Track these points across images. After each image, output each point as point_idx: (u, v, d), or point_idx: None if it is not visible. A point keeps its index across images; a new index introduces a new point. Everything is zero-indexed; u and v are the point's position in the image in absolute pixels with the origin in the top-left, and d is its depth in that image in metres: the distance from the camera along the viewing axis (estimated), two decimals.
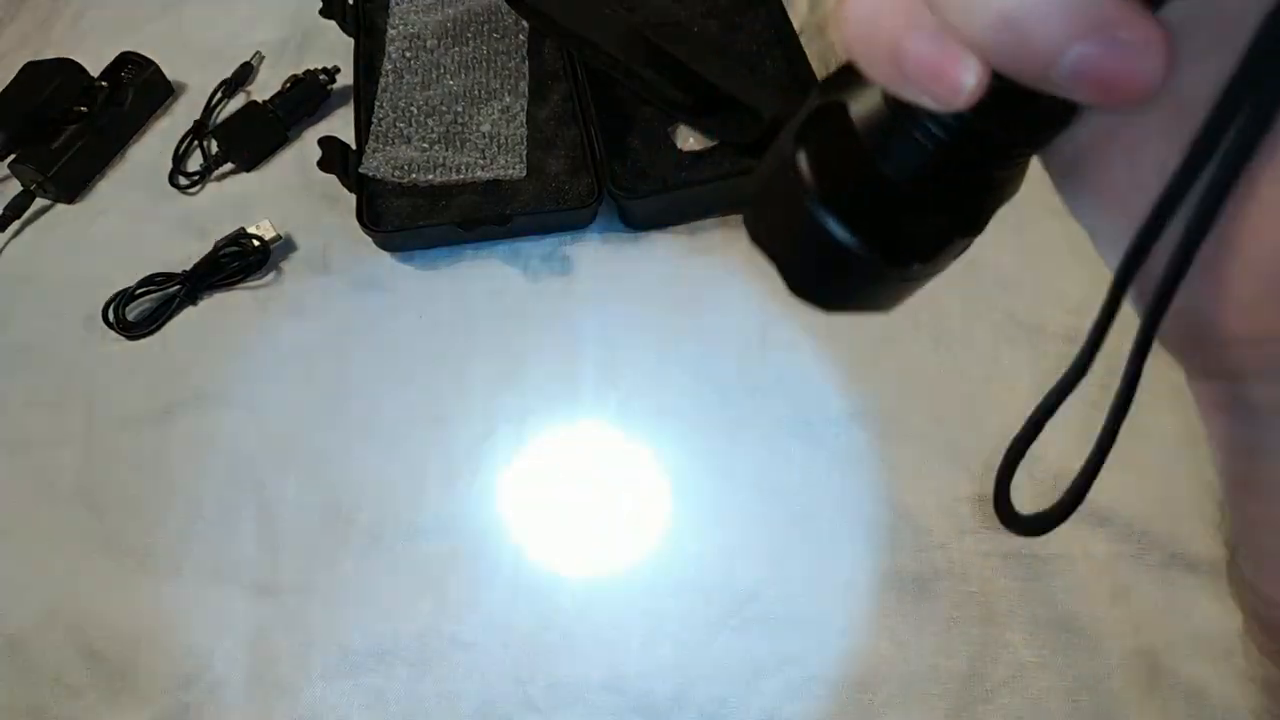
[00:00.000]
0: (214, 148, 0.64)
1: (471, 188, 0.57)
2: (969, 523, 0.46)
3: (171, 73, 0.68)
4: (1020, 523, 0.20)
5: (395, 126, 0.59)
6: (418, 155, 0.57)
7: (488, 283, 0.57)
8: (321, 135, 0.57)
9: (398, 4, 0.65)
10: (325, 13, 0.65)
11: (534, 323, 0.55)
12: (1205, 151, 0.13)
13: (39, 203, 0.63)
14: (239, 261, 0.58)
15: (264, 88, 0.67)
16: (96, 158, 0.64)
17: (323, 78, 0.65)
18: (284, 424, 0.52)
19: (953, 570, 0.45)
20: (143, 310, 0.57)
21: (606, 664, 0.44)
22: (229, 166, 0.64)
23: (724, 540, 0.47)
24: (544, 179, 0.57)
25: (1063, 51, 0.12)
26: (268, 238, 0.58)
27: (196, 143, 0.65)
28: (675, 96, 0.56)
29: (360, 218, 0.56)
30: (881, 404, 0.50)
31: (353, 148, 0.59)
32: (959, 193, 0.16)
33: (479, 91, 0.60)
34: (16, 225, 0.62)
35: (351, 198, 0.57)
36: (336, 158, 0.57)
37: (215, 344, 0.56)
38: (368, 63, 0.64)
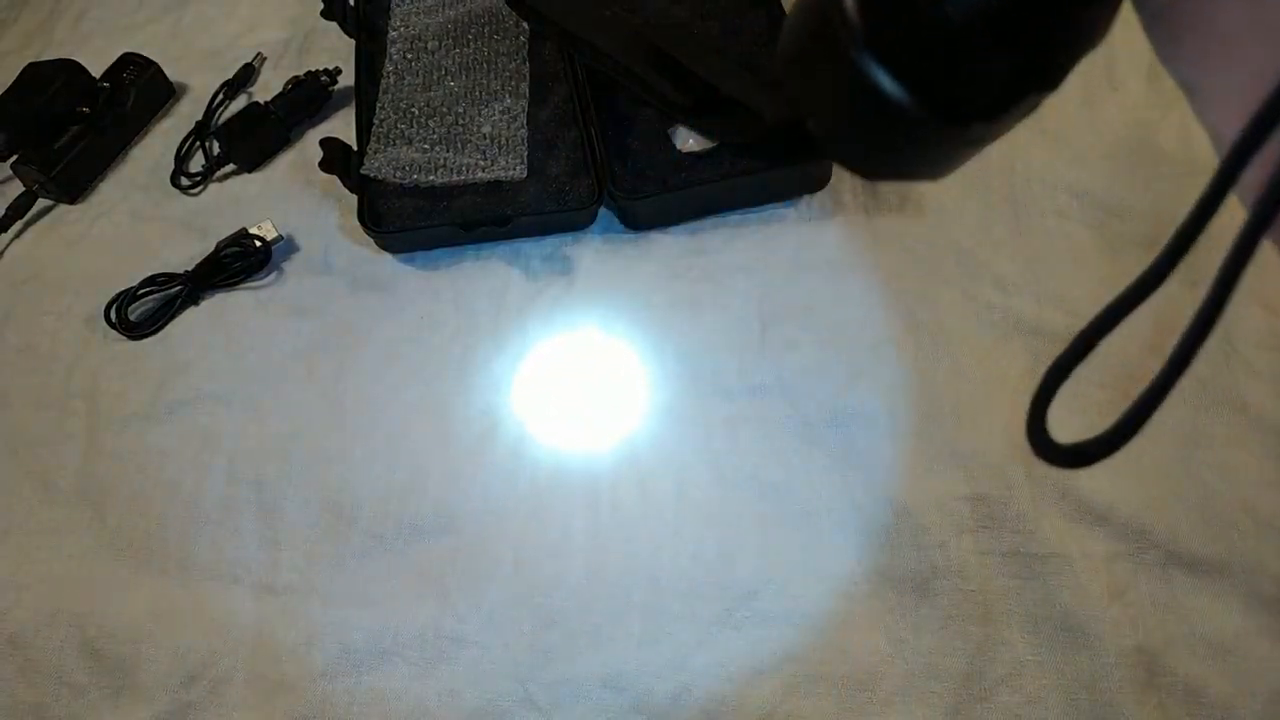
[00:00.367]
0: (216, 148, 0.64)
1: (472, 189, 0.57)
2: (968, 522, 0.46)
3: (173, 74, 0.68)
4: (1058, 453, 0.16)
5: (396, 128, 0.59)
6: (419, 156, 0.58)
7: (488, 283, 0.57)
8: (323, 136, 0.57)
9: (399, 5, 0.65)
10: (326, 14, 0.65)
11: (535, 323, 0.55)
12: None
13: (41, 203, 0.63)
14: (240, 262, 0.58)
15: (265, 89, 0.68)
16: (98, 158, 0.64)
17: (324, 79, 0.65)
18: (284, 424, 0.53)
19: (951, 569, 0.45)
20: (144, 310, 0.57)
21: (606, 663, 0.44)
22: (231, 167, 0.64)
23: (724, 539, 0.47)
24: (544, 180, 0.57)
25: None
26: (269, 238, 0.58)
27: (198, 143, 0.65)
28: (675, 97, 0.56)
29: (361, 218, 0.56)
30: (881, 404, 0.50)
31: (354, 149, 0.59)
32: (1032, 36, 0.13)
33: (480, 93, 0.61)
34: (19, 225, 0.62)
35: (353, 198, 0.58)
36: (338, 158, 0.57)
37: (217, 344, 0.56)
38: (369, 64, 0.64)
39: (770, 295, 0.54)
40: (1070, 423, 0.16)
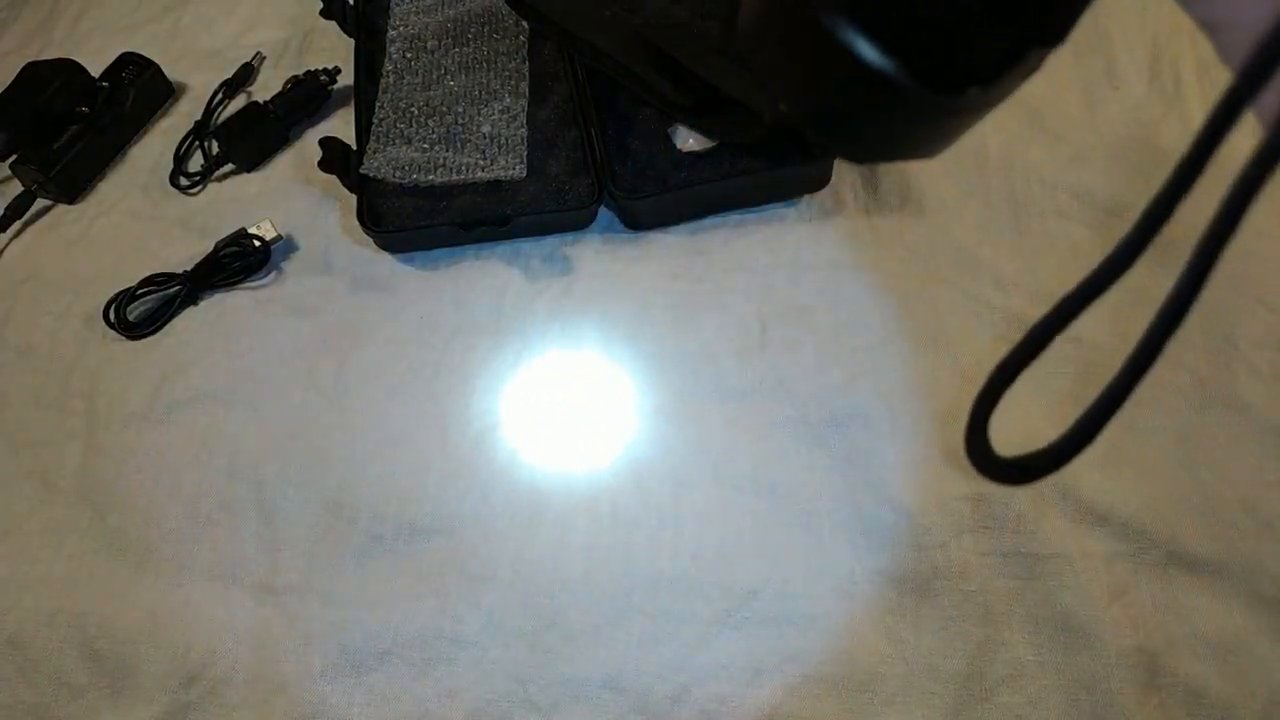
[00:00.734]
0: (215, 148, 0.64)
1: (472, 188, 0.57)
2: (968, 522, 0.46)
3: (172, 73, 0.68)
4: (996, 466, 0.13)
5: (396, 127, 0.59)
6: (418, 156, 0.58)
7: (488, 283, 0.57)
8: (322, 136, 0.57)
9: (398, 5, 0.65)
10: (326, 13, 0.65)
11: (534, 323, 0.55)
12: None
13: (40, 203, 0.63)
14: (240, 262, 0.58)
15: (265, 88, 0.68)
16: (97, 158, 0.64)
17: (323, 78, 0.65)
18: (284, 424, 0.53)
19: (952, 569, 0.45)
20: (144, 310, 0.57)
21: (606, 663, 0.44)
22: (230, 167, 0.64)
23: (724, 540, 0.47)
24: (544, 180, 0.57)
25: None
26: (268, 238, 0.58)
27: (197, 143, 0.65)
28: (675, 97, 0.56)
29: (361, 218, 0.56)
30: (881, 404, 0.50)
31: (353, 148, 0.59)
32: None
33: (479, 92, 0.60)
34: (18, 225, 0.62)
35: (352, 198, 0.57)
36: (337, 158, 0.57)
37: (216, 344, 0.56)
38: (368, 63, 0.64)
39: (770, 295, 0.54)
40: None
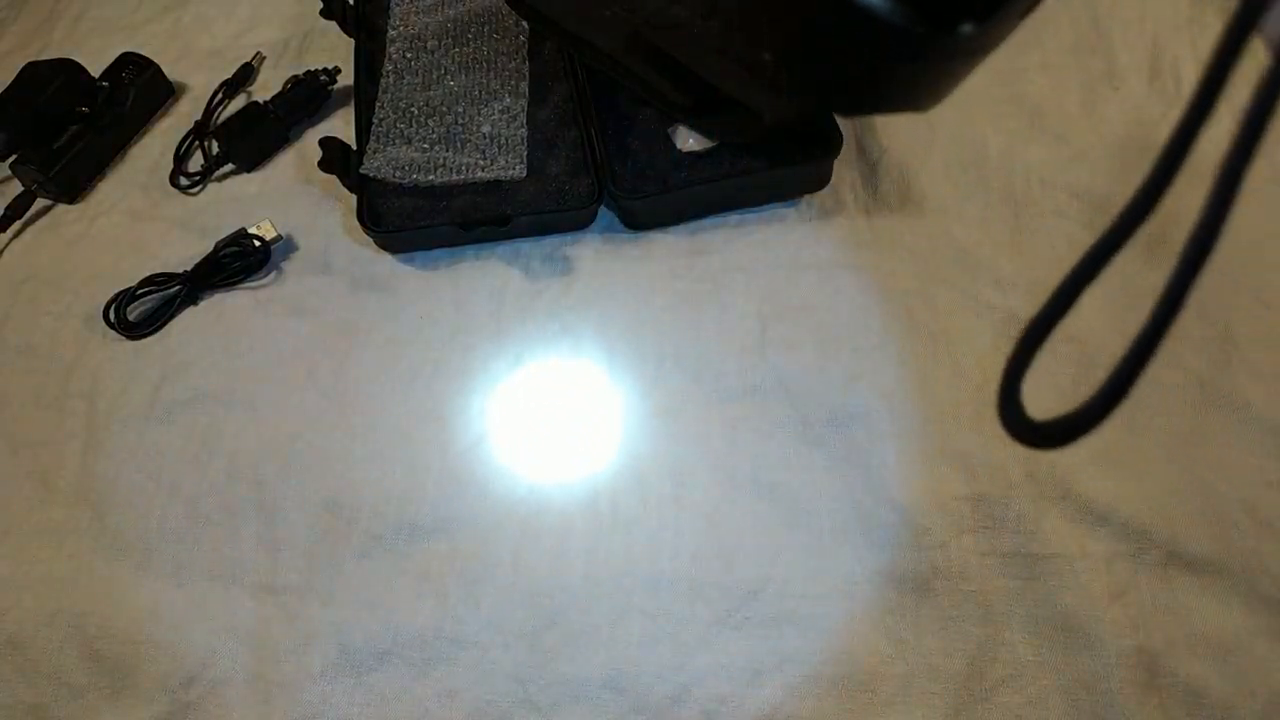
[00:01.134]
0: (215, 148, 0.64)
1: (472, 188, 0.57)
2: (968, 522, 0.46)
3: (172, 73, 0.68)
4: (1032, 430, 0.12)
5: (396, 127, 0.59)
6: (418, 156, 0.58)
7: (488, 283, 0.57)
8: (322, 135, 0.57)
9: (398, 4, 0.65)
10: (326, 13, 0.65)
11: (534, 323, 0.55)
12: None
13: (40, 203, 0.63)
14: (240, 262, 0.58)
15: (265, 88, 0.68)
16: (97, 158, 0.64)
17: (323, 78, 0.65)
18: (284, 424, 0.53)
19: (952, 569, 0.45)
20: (143, 310, 0.57)
21: (606, 663, 0.44)
22: (230, 167, 0.64)
23: (724, 540, 0.47)
24: (544, 180, 0.57)
25: None
26: (268, 238, 0.58)
27: (197, 143, 0.65)
28: (675, 97, 0.56)
29: (361, 218, 0.56)
30: (881, 404, 0.50)
31: (353, 148, 0.59)
32: None
33: (479, 92, 0.60)
34: (18, 225, 0.62)
35: (352, 198, 0.58)
36: (337, 158, 0.57)
37: (216, 344, 0.56)
38: (368, 63, 0.64)
39: (770, 295, 0.54)
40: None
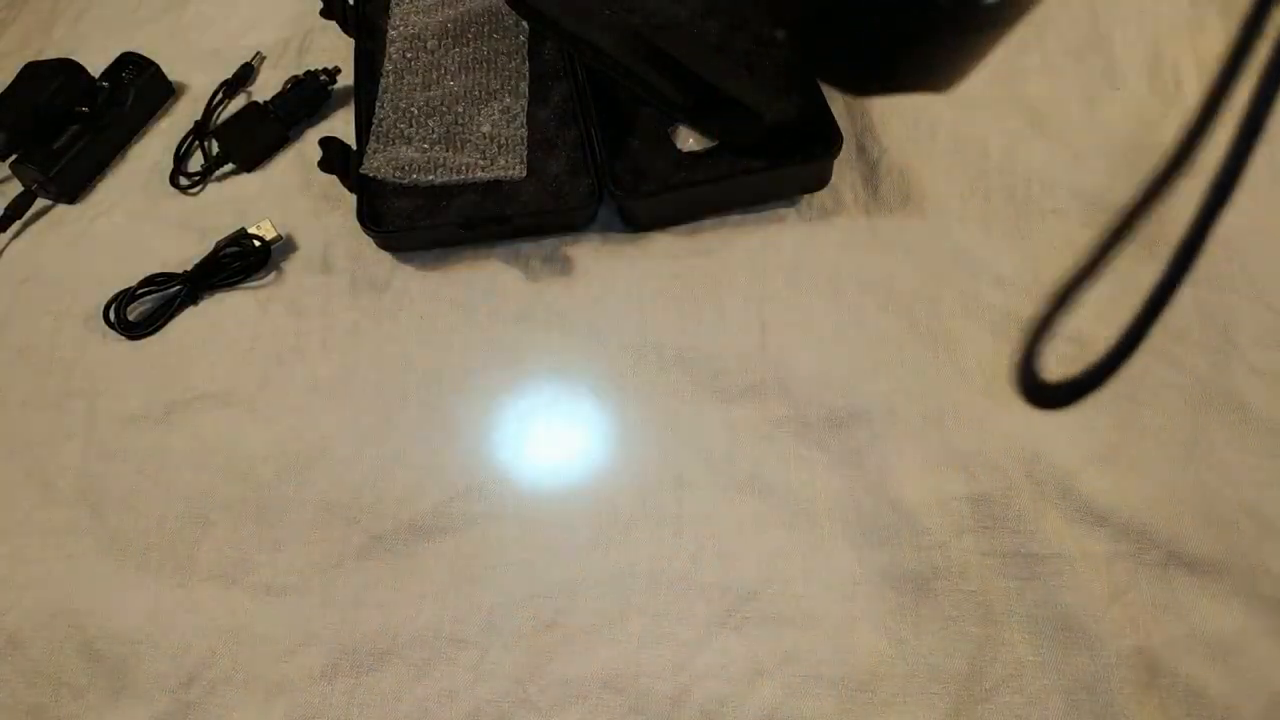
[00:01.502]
0: (215, 148, 0.64)
1: (472, 188, 0.57)
2: (968, 522, 0.46)
3: (172, 73, 0.68)
4: (1043, 391, 0.12)
5: (396, 127, 0.59)
6: (418, 156, 0.58)
7: (488, 283, 0.57)
8: (322, 135, 0.57)
9: (398, 5, 0.65)
10: (325, 13, 0.65)
11: (534, 323, 0.55)
12: None
13: (40, 203, 0.63)
14: (240, 261, 0.58)
15: (264, 88, 0.68)
16: (97, 158, 0.64)
17: (323, 78, 0.65)
18: (284, 424, 0.53)
19: (952, 569, 0.45)
20: (143, 310, 0.57)
21: (606, 664, 0.44)
22: (229, 167, 0.64)
23: (723, 540, 0.47)
24: (544, 179, 0.57)
25: None
26: (268, 238, 0.58)
27: (197, 143, 0.65)
28: (675, 97, 0.56)
29: (361, 218, 0.56)
30: (881, 404, 0.50)
31: (353, 148, 0.59)
32: None
33: (479, 92, 0.60)
34: (18, 225, 0.62)
35: (352, 198, 0.58)
36: (337, 158, 0.57)
37: (216, 344, 0.56)
38: (368, 63, 0.64)
39: (770, 295, 0.54)
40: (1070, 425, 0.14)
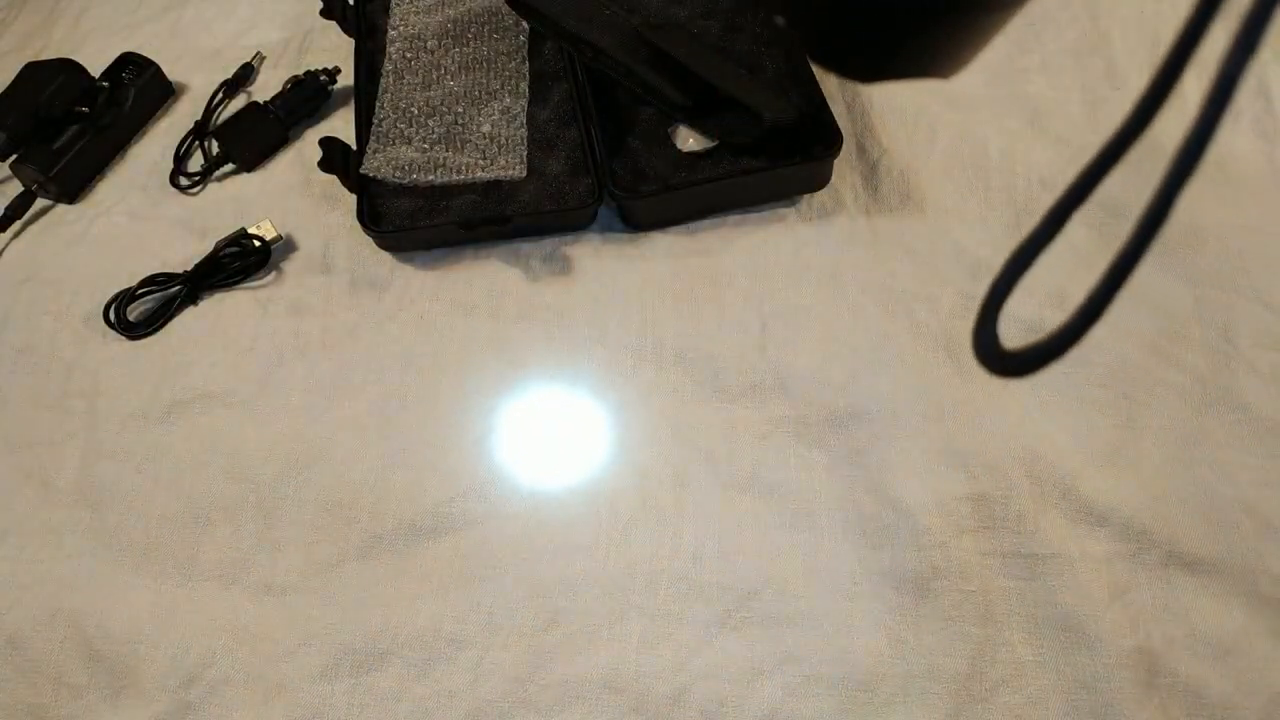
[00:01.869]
0: (215, 148, 0.64)
1: (472, 188, 0.57)
2: (968, 522, 0.46)
3: (172, 73, 0.68)
4: (1001, 359, 0.12)
5: (396, 127, 0.59)
6: (418, 156, 0.58)
7: (488, 283, 0.57)
8: (322, 136, 0.57)
9: (398, 5, 0.65)
10: (326, 13, 0.65)
11: (534, 323, 0.55)
12: None
13: (40, 203, 0.63)
14: (240, 261, 0.58)
15: (264, 88, 0.68)
16: (97, 158, 0.64)
17: (323, 78, 0.65)
18: (284, 424, 0.53)
19: (952, 569, 0.45)
20: (144, 310, 0.57)
21: (606, 664, 0.44)
22: (230, 167, 0.64)
23: (724, 540, 0.47)
24: (544, 179, 0.57)
25: None
26: (268, 238, 0.58)
27: (197, 143, 0.65)
28: (675, 97, 0.56)
29: (361, 218, 0.56)
30: (881, 404, 0.50)
31: (353, 148, 0.59)
32: None
33: (479, 92, 0.60)
34: (18, 225, 0.62)
35: (352, 198, 0.58)
36: (337, 158, 0.57)
37: (216, 344, 0.56)
38: (368, 63, 0.64)
39: (770, 295, 0.54)
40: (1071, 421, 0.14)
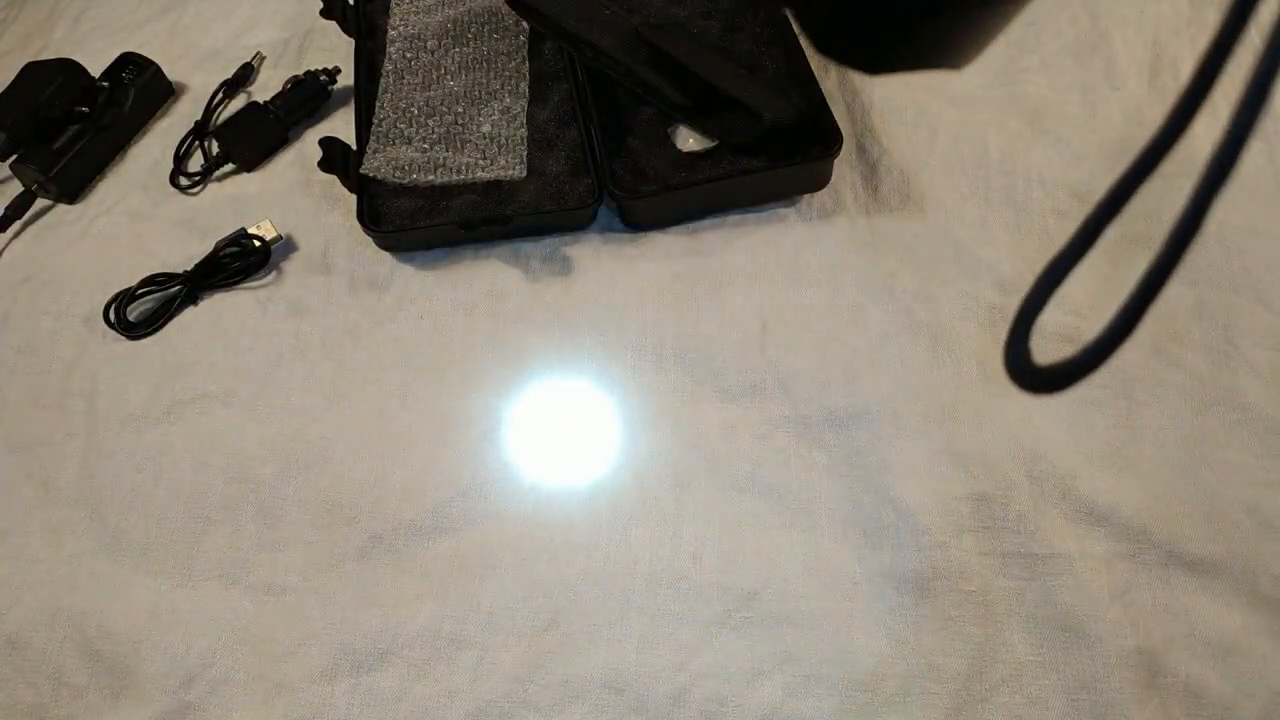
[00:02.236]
0: (215, 148, 0.64)
1: (472, 188, 0.57)
2: (968, 522, 0.46)
3: (172, 73, 0.68)
4: (1036, 376, 0.12)
5: (396, 127, 0.59)
6: (418, 156, 0.58)
7: (488, 283, 0.57)
8: (322, 136, 0.57)
9: (398, 5, 0.65)
10: (326, 13, 0.65)
11: (534, 323, 0.55)
12: None
13: (40, 203, 0.63)
14: (240, 261, 0.58)
15: (264, 88, 0.68)
16: (97, 158, 0.64)
17: (323, 78, 0.65)
18: (284, 424, 0.53)
19: (952, 569, 0.45)
20: (144, 310, 0.57)
21: (606, 664, 0.44)
22: (230, 167, 0.64)
23: (724, 540, 0.47)
24: (544, 179, 0.57)
25: None
26: (268, 238, 0.58)
27: (197, 143, 0.65)
28: (675, 97, 0.56)
29: (361, 218, 0.56)
30: (881, 404, 0.50)
31: (353, 148, 0.59)
32: None
33: (479, 92, 0.60)
34: (18, 225, 0.62)
35: (352, 198, 0.58)
36: (337, 158, 0.57)
37: (216, 344, 0.56)
38: (368, 63, 0.64)
39: (770, 295, 0.54)
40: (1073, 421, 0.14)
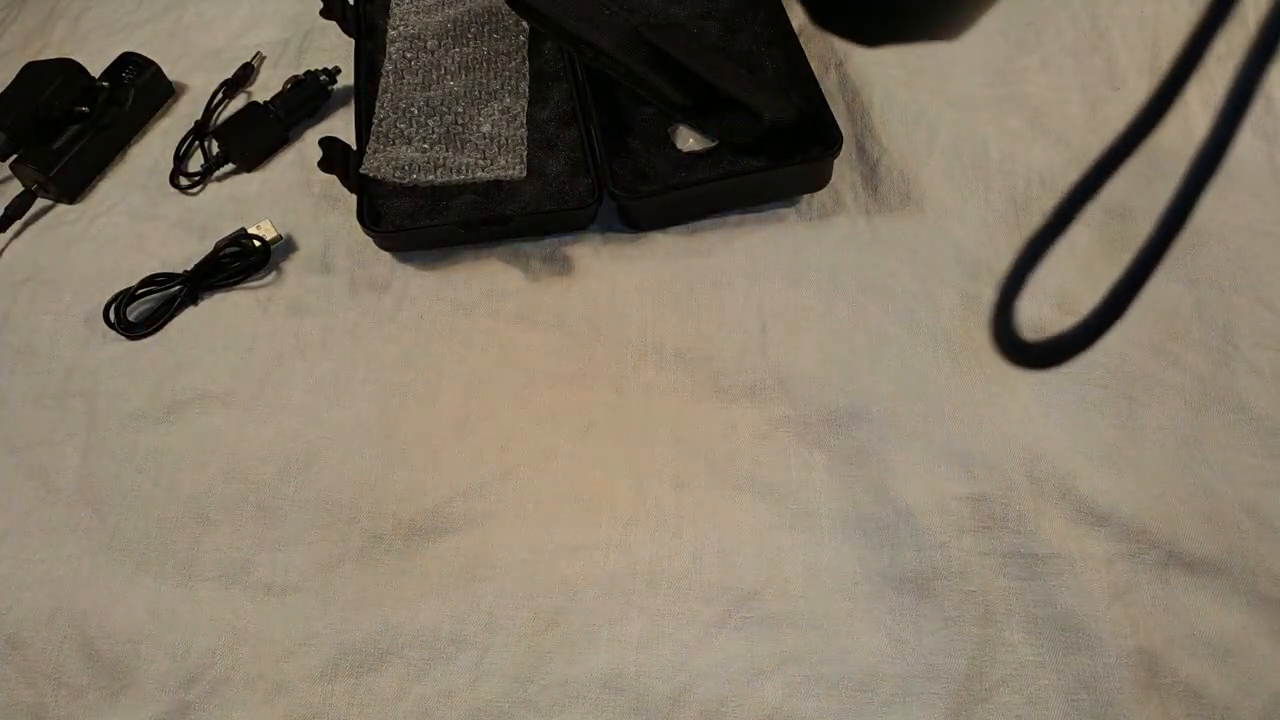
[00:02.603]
0: (215, 148, 0.64)
1: (472, 188, 0.57)
2: (968, 522, 0.46)
3: (172, 73, 0.68)
4: (1024, 351, 0.12)
5: (396, 127, 0.59)
6: (418, 156, 0.58)
7: (488, 283, 0.57)
8: (322, 136, 0.57)
9: (398, 4, 0.65)
10: (326, 13, 0.65)
11: (534, 323, 0.55)
12: None
13: (40, 203, 0.63)
14: (240, 261, 0.58)
15: (264, 88, 0.68)
16: (97, 158, 0.64)
17: (323, 78, 0.65)
18: (284, 424, 0.53)
19: (952, 569, 0.45)
20: (144, 310, 0.57)
21: (606, 664, 0.44)
22: (230, 167, 0.64)
23: (724, 540, 0.47)
24: (544, 179, 0.57)
25: None
26: (268, 238, 0.58)
27: (197, 143, 0.65)
28: (675, 97, 0.56)
29: (361, 218, 0.56)
30: (881, 404, 0.50)
31: (353, 148, 0.59)
32: None
33: (479, 92, 0.61)
34: (18, 225, 0.62)
35: (352, 198, 0.58)
36: (337, 158, 0.57)
37: (216, 344, 0.56)
38: (368, 63, 0.64)
39: (770, 295, 0.54)
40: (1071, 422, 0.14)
